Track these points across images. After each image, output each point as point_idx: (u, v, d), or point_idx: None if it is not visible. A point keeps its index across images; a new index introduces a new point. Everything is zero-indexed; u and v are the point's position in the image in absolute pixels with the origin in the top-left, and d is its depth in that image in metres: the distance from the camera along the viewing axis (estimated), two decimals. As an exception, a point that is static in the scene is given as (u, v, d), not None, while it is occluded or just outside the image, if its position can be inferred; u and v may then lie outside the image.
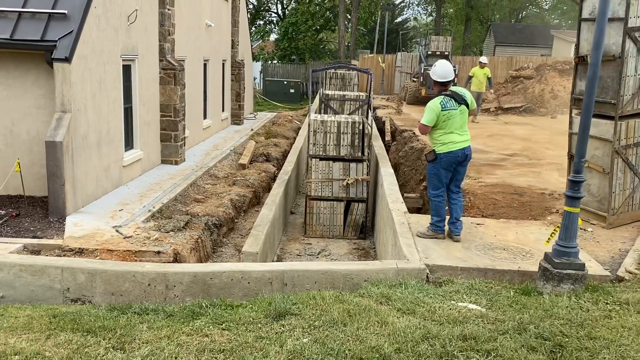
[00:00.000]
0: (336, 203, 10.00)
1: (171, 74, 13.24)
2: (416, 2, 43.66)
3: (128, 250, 7.76)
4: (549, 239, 5.29)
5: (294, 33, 38.48)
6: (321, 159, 9.89)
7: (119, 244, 7.98)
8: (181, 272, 5.33)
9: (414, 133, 14.59)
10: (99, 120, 10.03)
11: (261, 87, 32.12)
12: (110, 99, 10.45)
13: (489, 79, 16.98)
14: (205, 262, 8.73)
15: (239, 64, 21.49)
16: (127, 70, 11.38)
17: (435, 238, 6.12)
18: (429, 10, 42.91)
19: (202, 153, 15.39)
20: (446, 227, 6.28)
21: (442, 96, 6.18)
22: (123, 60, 10.98)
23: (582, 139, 4.69)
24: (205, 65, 17.36)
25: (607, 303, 4.34)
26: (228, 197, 11.13)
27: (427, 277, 5.19)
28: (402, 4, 40.40)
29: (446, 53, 21.71)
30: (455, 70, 22.36)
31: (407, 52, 33.45)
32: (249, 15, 26.04)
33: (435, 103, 6.15)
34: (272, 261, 8.83)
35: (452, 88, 6.26)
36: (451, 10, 41.36)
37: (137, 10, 11.22)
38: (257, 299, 4.55)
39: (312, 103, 16.33)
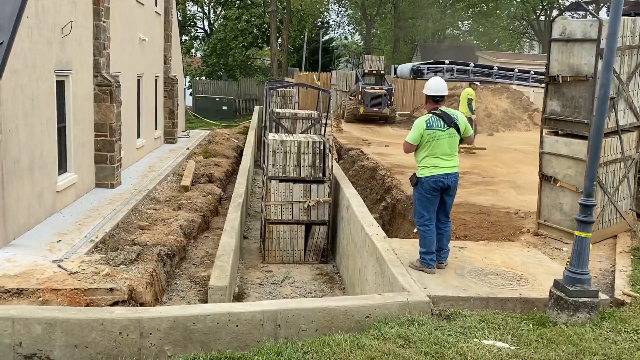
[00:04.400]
0: (297, 226, 9.53)
1: (107, 90, 12.29)
2: (346, 22, 44.22)
3: (76, 289, 6.88)
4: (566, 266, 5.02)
5: (222, 49, 37.72)
6: (281, 180, 9.41)
7: (64, 281, 7.07)
8: (158, 317, 4.66)
9: (361, 151, 14.41)
10: (31, 142, 9.01)
11: (190, 104, 31.08)
12: (43, 118, 9.45)
13: (469, 99, 15.26)
14: (160, 297, 7.97)
15: (172, 80, 20.58)
16: (60, 86, 10.38)
17: (422, 271, 5.74)
18: (359, 29, 43.63)
19: (138, 175, 14.40)
20: None
21: (431, 114, 5.85)
22: (56, 75, 10.00)
23: (593, 162, 4.56)
24: (139, 81, 16.38)
25: (628, 332, 4.18)
26: (176, 223, 10.34)
27: (431, 310, 4.84)
28: (333, 23, 40.77)
29: (382, 72, 21.91)
30: (392, 90, 22.69)
31: (335, 70, 33.65)
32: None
33: (420, 121, 5.81)
34: (234, 293, 8.20)
35: (445, 109, 5.95)
36: (379, 31, 42.24)
37: (72, 21, 10.30)
38: (263, 350, 4.00)
39: (263, 121, 15.72)
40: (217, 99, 29.59)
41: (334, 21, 37.80)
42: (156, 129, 19.15)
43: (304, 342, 3.96)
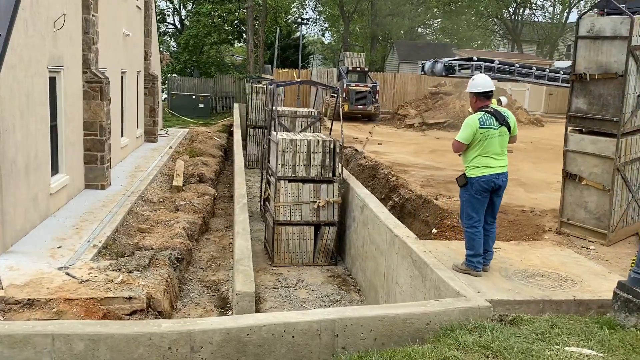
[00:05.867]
0: (306, 228, 9.27)
1: (97, 87, 11.75)
2: (323, 19, 43.88)
3: (92, 299, 6.48)
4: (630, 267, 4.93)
5: (194, 46, 36.95)
6: (290, 180, 9.13)
7: (76, 290, 6.65)
8: (210, 329, 4.36)
9: (356, 150, 14.24)
10: (27, 142, 8.50)
11: (165, 102, 30.34)
12: (37, 117, 8.94)
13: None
14: (175, 304, 7.61)
15: (153, 77, 19.96)
16: (52, 83, 9.84)
17: (469, 274, 5.59)
18: (335, 27, 43.38)
19: (126, 175, 13.86)
20: None
21: (483, 112, 5.64)
22: (49, 71, 9.47)
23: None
24: (122, 78, 15.78)
25: None
26: (178, 225, 9.95)
27: (492, 315, 4.68)
28: (309, 21, 40.38)
29: (366, 69, 21.78)
30: (376, 87, 22.57)
31: (315, 67, 33.40)
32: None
33: (473, 119, 5.58)
34: (251, 297, 7.89)
35: (495, 106, 5.77)
36: (357, 28, 42.11)
37: (64, 14, 9.76)
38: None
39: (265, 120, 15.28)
40: (194, 97, 28.97)
41: (310, 18, 37.39)
42: (137, 127, 18.54)
43: (382, 354, 3.73)
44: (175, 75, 36.50)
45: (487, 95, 5.65)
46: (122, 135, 15.89)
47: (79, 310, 6.33)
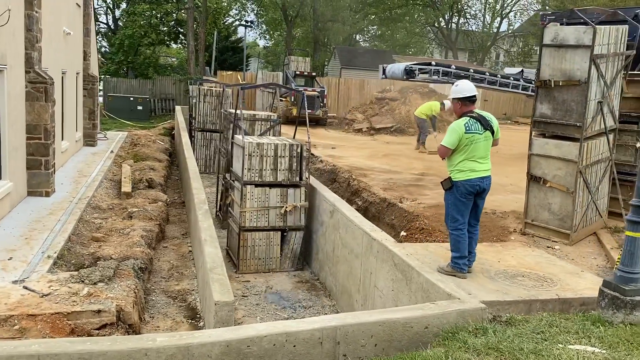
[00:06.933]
0: (273, 233, 9.12)
1: (41, 88, 11.06)
2: (264, 22, 43.45)
3: (57, 313, 6.05)
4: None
5: (130, 46, 35.71)
6: (257, 185, 8.95)
7: (38, 305, 6.19)
8: (209, 342, 4.16)
9: (312, 154, 14.19)
10: (-28, 146, 7.86)
11: (102, 104, 29.15)
12: (-18, 119, 8.28)
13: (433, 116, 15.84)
14: (142, 316, 7.25)
15: (92, 78, 19.09)
16: (-6, 83, 9.18)
17: (454, 276, 5.67)
18: (279, 31, 43.14)
19: (70, 181, 13.14)
20: None
21: (468, 117, 5.73)
22: (-7, 70, 8.83)
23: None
24: (62, 78, 14.98)
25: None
26: (135, 233, 9.51)
27: (487, 316, 4.75)
28: (253, 24, 39.95)
29: (313, 74, 21.81)
30: (324, 92, 22.64)
31: (244, 71, 33.08)
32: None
33: (459, 124, 5.67)
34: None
35: (479, 111, 5.88)
36: (299, 32, 42.07)
37: (9, 9, 9.13)
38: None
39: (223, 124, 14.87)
40: (132, 99, 27.96)
41: (252, 21, 36.91)
42: (77, 130, 17.65)
43: (397, 361, 3.69)
44: (109, 76, 35.13)
45: (472, 100, 5.76)
46: (62, 139, 15.06)
47: (44, 326, 5.89)
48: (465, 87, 5.76)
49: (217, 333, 4.32)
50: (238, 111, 12.66)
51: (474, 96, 5.78)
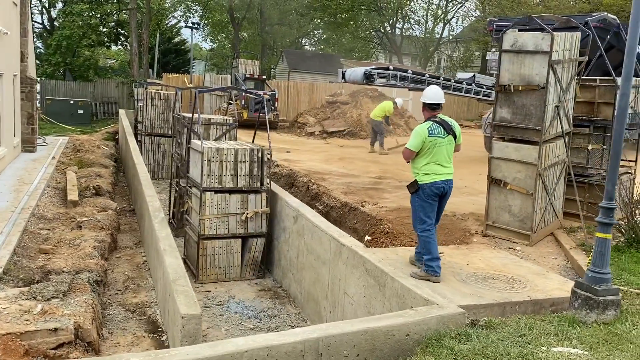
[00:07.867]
0: (233, 240, 8.89)
1: (-22, 91, 10.36)
2: (209, 24, 42.63)
3: (9, 334, 5.62)
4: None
5: (67, 47, 34.25)
6: (217, 191, 8.70)
7: (-12, 326, 5.73)
8: (187, 360, 3.95)
9: (268, 158, 13.98)
10: None
11: (40, 107, 27.80)
12: None
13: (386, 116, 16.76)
14: (100, 332, 6.86)
15: (31, 80, 18.12)
16: None
17: (428, 280, 5.69)
18: (226, 33, 42.45)
19: (10, 189, 12.40)
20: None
21: (431, 122, 5.88)
22: None
23: (614, 167, 4.81)
24: (-1, 81, 14.13)
25: (655, 325, 4.49)
26: (87, 244, 9.04)
27: (466, 321, 4.76)
28: (199, 26, 39.15)
29: (264, 77, 21.58)
30: (275, 95, 22.40)
31: (190, 73, 32.44)
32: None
33: (422, 128, 5.83)
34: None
35: (442, 116, 5.99)
36: (246, 34, 41.59)
37: (-56, 7, 8.49)
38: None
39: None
40: (72, 102, 26.84)
41: (199, 23, 36.13)
42: (14, 135, 16.70)
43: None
44: (45, 78, 33.58)
45: (434, 107, 5.90)
46: (-1, 145, 14.22)
47: (-5, 349, 5.46)
48: (429, 94, 5.92)
49: (194, 350, 4.10)
50: (195, 115, 12.32)
51: (437, 104, 5.92)
